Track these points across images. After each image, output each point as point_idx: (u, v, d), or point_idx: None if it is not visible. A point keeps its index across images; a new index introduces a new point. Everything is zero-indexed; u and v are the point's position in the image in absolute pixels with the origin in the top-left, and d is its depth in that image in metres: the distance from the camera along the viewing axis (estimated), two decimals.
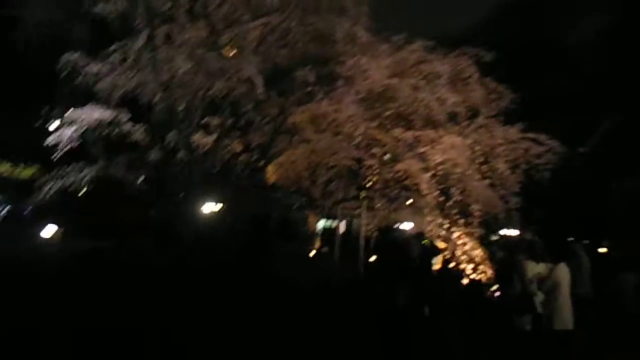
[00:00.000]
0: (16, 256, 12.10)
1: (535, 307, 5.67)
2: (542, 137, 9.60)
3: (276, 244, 17.30)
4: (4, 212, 17.90)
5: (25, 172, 16.39)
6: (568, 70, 22.40)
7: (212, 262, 8.97)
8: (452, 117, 10.82)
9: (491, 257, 9.42)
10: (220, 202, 13.00)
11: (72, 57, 10.14)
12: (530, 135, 9.73)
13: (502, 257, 8.07)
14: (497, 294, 7.92)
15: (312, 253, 17.75)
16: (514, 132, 9.92)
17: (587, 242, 17.54)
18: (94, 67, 10.21)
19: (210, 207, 12.69)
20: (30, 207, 12.69)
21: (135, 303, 6.40)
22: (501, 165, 9.78)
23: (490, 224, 11.69)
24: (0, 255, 11.28)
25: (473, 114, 10.88)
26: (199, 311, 6.20)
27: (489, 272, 9.27)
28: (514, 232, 15.03)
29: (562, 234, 14.69)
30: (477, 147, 9.84)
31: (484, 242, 11.41)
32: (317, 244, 19.92)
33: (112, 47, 10.71)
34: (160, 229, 11.82)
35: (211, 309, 6.32)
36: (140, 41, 10.84)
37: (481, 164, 9.77)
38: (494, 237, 14.37)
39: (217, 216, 13.53)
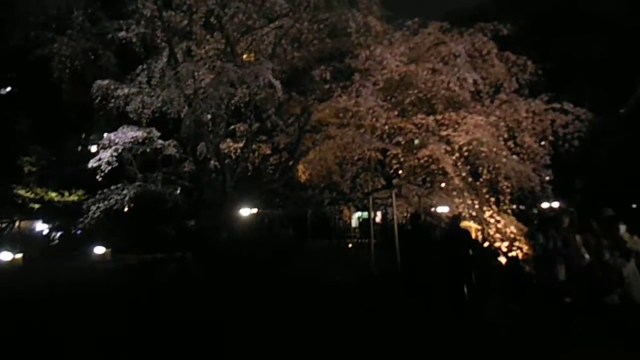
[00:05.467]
0: (76, 273, 13.07)
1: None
2: (568, 106, 9.35)
3: (313, 241, 17.65)
4: (57, 236, 19.07)
5: (72, 198, 17.26)
6: (598, 33, 21.40)
7: (250, 269, 9.28)
8: (475, 96, 10.70)
9: (530, 236, 9.14)
10: (255, 206, 13.37)
11: (103, 83, 10.74)
12: (555, 105, 9.49)
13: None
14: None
15: (350, 245, 17.99)
16: (538, 104, 9.70)
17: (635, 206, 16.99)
18: (123, 90, 10.75)
19: (246, 212, 13.06)
20: (80, 230, 13.43)
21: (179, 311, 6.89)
22: (528, 139, 9.60)
23: (527, 199, 11.48)
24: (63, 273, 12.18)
25: (495, 90, 10.72)
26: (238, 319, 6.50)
27: (525, 248, 9.11)
28: (555, 204, 14.71)
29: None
30: (502, 124, 9.68)
31: (522, 217, 11.23)
32: (355, 236, 20.15)
33: (138, 69, 11.30)
34: (200, 239, 12.29)
35: (250, 315, 6.63)
36: (163, 60, 11.37)
37: (507, 140, 9.60)
38: (535, 211, 14.10)
39: (253, 219, 13.93)
